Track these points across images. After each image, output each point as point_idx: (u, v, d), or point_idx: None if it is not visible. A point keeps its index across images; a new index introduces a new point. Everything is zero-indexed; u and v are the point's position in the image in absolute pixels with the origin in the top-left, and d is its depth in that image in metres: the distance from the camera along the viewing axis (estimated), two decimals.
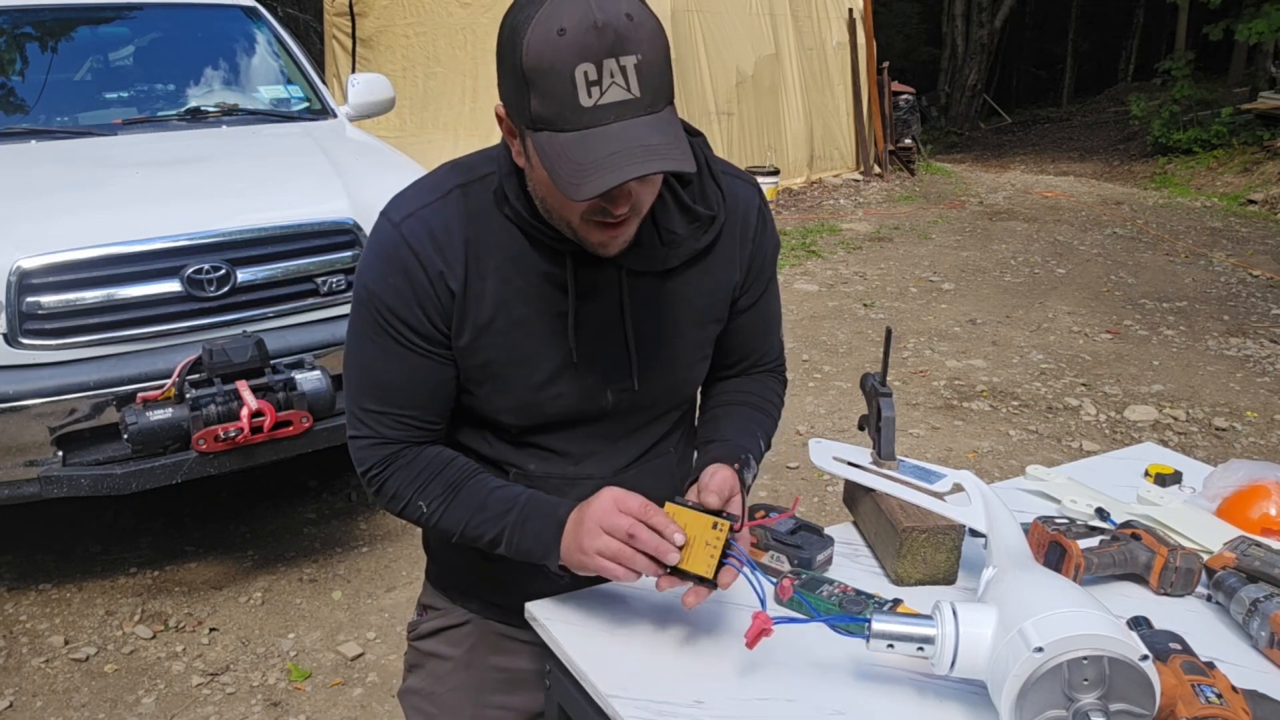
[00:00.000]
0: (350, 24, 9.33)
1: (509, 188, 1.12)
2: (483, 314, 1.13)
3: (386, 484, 1.20)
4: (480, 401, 1.19)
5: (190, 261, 2.81)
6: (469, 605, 1.36)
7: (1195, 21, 15.41)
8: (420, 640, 1.41)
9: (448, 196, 1.13)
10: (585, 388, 1.19)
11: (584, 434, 1.23)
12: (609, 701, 1.05)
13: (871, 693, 1.06)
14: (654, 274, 1.17)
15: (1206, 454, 4.05)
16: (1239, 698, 0.97)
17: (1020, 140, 17.44)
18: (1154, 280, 6.87)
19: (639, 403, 1.23)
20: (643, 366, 1.20)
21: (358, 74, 4.31)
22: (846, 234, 8.26)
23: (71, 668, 2.66)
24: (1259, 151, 11.15)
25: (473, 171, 1.15)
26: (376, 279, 1.13)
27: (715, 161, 1.21)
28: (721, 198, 1.20)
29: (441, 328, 1.14)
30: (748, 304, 1.29)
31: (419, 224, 1.12)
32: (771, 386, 1.38)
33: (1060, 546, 1.27)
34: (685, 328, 1.22)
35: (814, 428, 4.31)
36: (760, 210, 1.26)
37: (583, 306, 1.15)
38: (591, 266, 1.14)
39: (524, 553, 1.14)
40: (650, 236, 1.16)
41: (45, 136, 3.42)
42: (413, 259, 1.11)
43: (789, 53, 9.93)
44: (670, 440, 1.32)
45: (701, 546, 1.06)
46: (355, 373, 1.19)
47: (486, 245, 1.12)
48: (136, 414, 2.60)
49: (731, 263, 1.23)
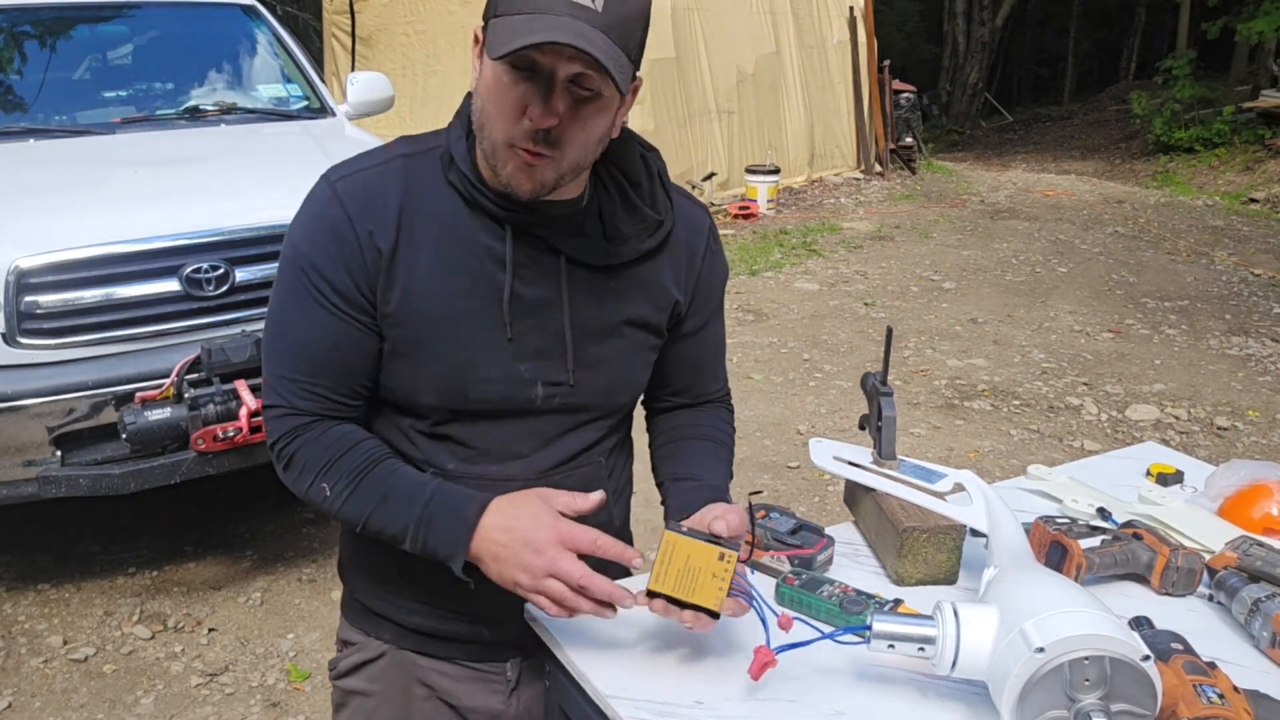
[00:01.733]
0: (350, 22, 9.34)
1: (457, 152, 1.11)
2: (414, 280, 1.10)
3: (294, 459, 1.14)
4: (403, 379, 1.14)
5: (189, 261, 2.81)
6: (383, 635, 1.29)
7: (1196, 20, 15.40)
8: (341, 679, 1.34)
9: (390, 163, 1.12)
10: (516, 375, 1.14)
11: (508, 431, 1.18)
12: (609, 701, 1.04)
13: (872, 693, 1.06)
14: (595, 269, 1.15)
15: (1208, 453, 4.04)
16: (1241, 698, 0.97)
17: (1021, 139, 17.44)
18: (1155, 279, 6.87)
19: (570, 402, 1.19)
20: (578, 361, 1.16)
21: (357, 72, 4.31)
22: (847, 233, 8.26)
23: (70, 668, 2.65)
24: (1261, 150, 11.16)
25: (422, 144, 1.15)
26: (304, 236, 1.10)
27: (669, 180, 1.21)
28: (670, 207, 1.19)
29: (366, 292, 1.10)
30: (694, 328, 1.27)
31: (355, 184, 1.10)
32: (724, 418, 1.37)
33: (1061, 546, 1.26)
34: (622, 329, 1.19)
35: (814, 427, 4.31)
36: (711, 233, 1.25)
37: (521, 287, 1.12)
38: (532, 246, 1.12)
39: (429, 551, 1.09)
40: (594, 228, 1.14)
41: (44, 135, 3.42)
42: (343, 217, 1.08)
43: (789, 51, 9.93)
44: (600, 450, 1.26)
45: (708, 578, 1.03)
46: (273, 337, 1.15)
47: (424, 214, 1.10)
48: (135, 414, 2.60)
49: (677, 278, 1.21)
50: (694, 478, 1.25)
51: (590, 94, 1.01)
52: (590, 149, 1.06)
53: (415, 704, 1.30)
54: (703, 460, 1.28)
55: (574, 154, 1.04)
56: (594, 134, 1.05)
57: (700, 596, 1.03)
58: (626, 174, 1.16)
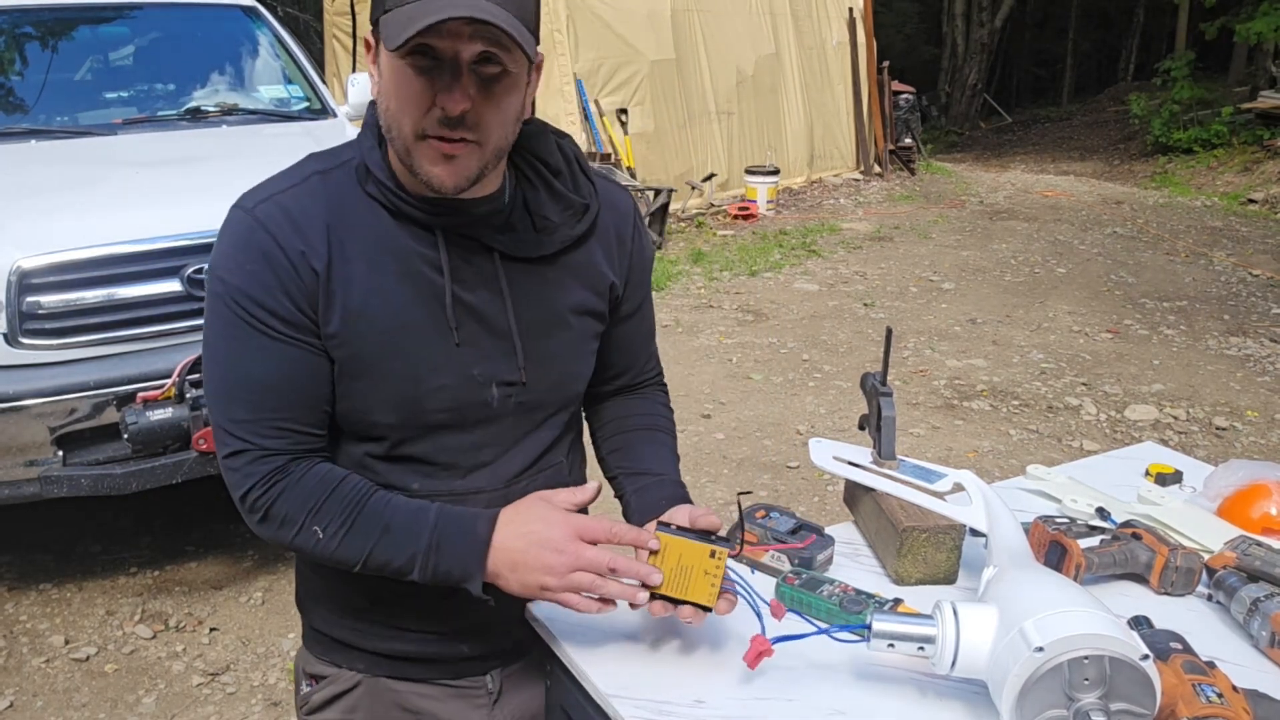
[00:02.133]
0: (351, 23, 9.34)
1: (371, 161, 1.08)
2: (352, 298, 1.06)
3: (273, 508, 1.07)
4: (355, 400, 1.10)
5: (190, 261, 2.81)
6: (355, 665, 1.24)
7: (1195, 21, 15.40)
8: (315, 713, 1.27)
9: (306, 182, 1.08)
10: (469, 380, 1.12)
11: (469, 441, 1.15)
12: (609, 701, 1.05)
13: (872, 693, 1.06)
14: (530, 262, 1.14)
15: (1207, 453, 4.05)
16: (1240, 697, 0.97)
17: (1020, 140, 17.44)
18: (1154, 279, 6.87)
19: (526, 402, 1.17)
20: (528, 356, 1.14)
21: (358, 73, 4.31)
22: (847, 233, 8.26)
23: (72, 667, 2.66)
24: (1259, 151, 11.16)
25: (334, 158, 1.11)
26: (232, 269, 1.04)
27: (588, 164, 1.21)
28: (594, 190, 1.19)
29: (308, 312, 1.05)
30: (631, 309, 1.27)
31: (274, 207, 1.05)
32: (661, 401, 1.38)
33: (1061, 546, 1.27)
34: (567, 318, 1.18)
35: (814, 427, 4.31)
36: (635, 214, 1.26)
37: (461, 289, 1.10)
38: (465, 249, 1.10)
39: (440, 577, 1.06)
40: (524, 222, 1.13)
41: (45, 136, 3.42)
42: (270, 241, 1.03)
43: (789, 52, 9.93)
44: (559, 449, 1.25)
45: (700, 575, 1.04)
46: (219, 380, 1.07)
47: (351, 230, 1.07)
48: (137, 414, 2.60)
49: (610, 260, 1.21)
50: (650, 473, 1.25)
51: (498, 71, 0.98)
52: (509, 130, 1.03)
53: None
54: (654, 452, 1.29)
55: (495, 137, 1.01)
56: (510, 113, 1.02)
57: (694, 594, 1.04)
58: (546, 162, 1.15)
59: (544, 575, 1.02)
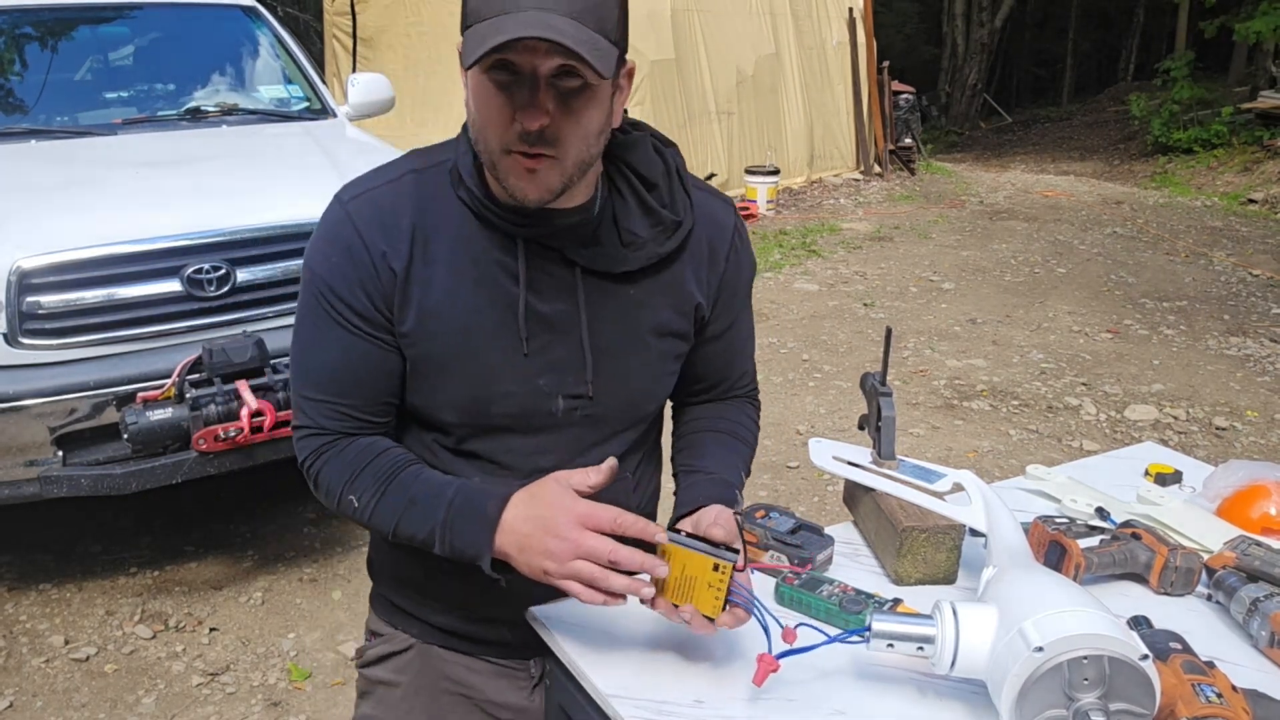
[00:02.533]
0: (351, 23, 9.33)
1: (463, 166, 1.10)
2: (429, 299, 1.09)
3: (320, 475, 1.15)
4: (424, 396, 1.14)
5: (190, 261, 2.81)
6: (410, 629, 1.30)
7: (1195, 21, 15.41)
8: (367, 668, 1.35)
9: (400, 180, 1.12)
10: (535, 389, 1.13)
11: (532, 445, 1.17)
12: (609, 701, 1.05)
13: (871, 692, 1.06)
14: (612, 277, 1.12)
15: (1207, 453, 4.05)
16: (1239, 697, 0.97)
17: (1020, 140, 17.44)
18: (1154, 279, 6.87)
19: (592, 415, 1.17)
20: (599, 373, 1.14)
21: (358, 74, 4.31)
22: (847, 233, 8.26)
23: (71, 668, 2.66)
24: (1259, 151, 11.16)
25: (430, 157, 1.14)
26: (320, 259, 1.10)
27: (689, 176, 1.18)
28: (690, 206, 1.16)
29: (383, 309, 1.10)
30: (720, 329, 1.25)
31: (367, 204, 1.10)
32: (747, 413, 1.35)
33: (1060, 546, 1.27)
34: (645, 337, 1.16)
35: (814, 427, 4.31)
36: (736, 230, 1.22)
37: (536, 300, 1.11)
38: (546, 259, 1.10)
39: (457, 553, 1.08)
40: (610, 236, 1.11)
41: (45, 136, 3.42)
42: (356, 238, 1.08)
43: (789, 52, 9.93)
44: (627, 464, 1.23)
45: (704, 588, 1.01)
46: (297, 358, 1.16)
47: (437, 230, 1.10)
48: (136, 414, 2.60)
49: (699, 278, 1.18)
50: (705, 470, 1.23)
51: (577, 85, 0.98)
52: (591, 143, 1.03)
53: (440, 697, 1.31)
54: (717, 453, 1.26)
55: (575, 151, 1.01)
56: (591, 127, 1.01)
57: (699, 603, 1.02)
58: (641, 175, 1.13)
59: (545, 560, 1.02)
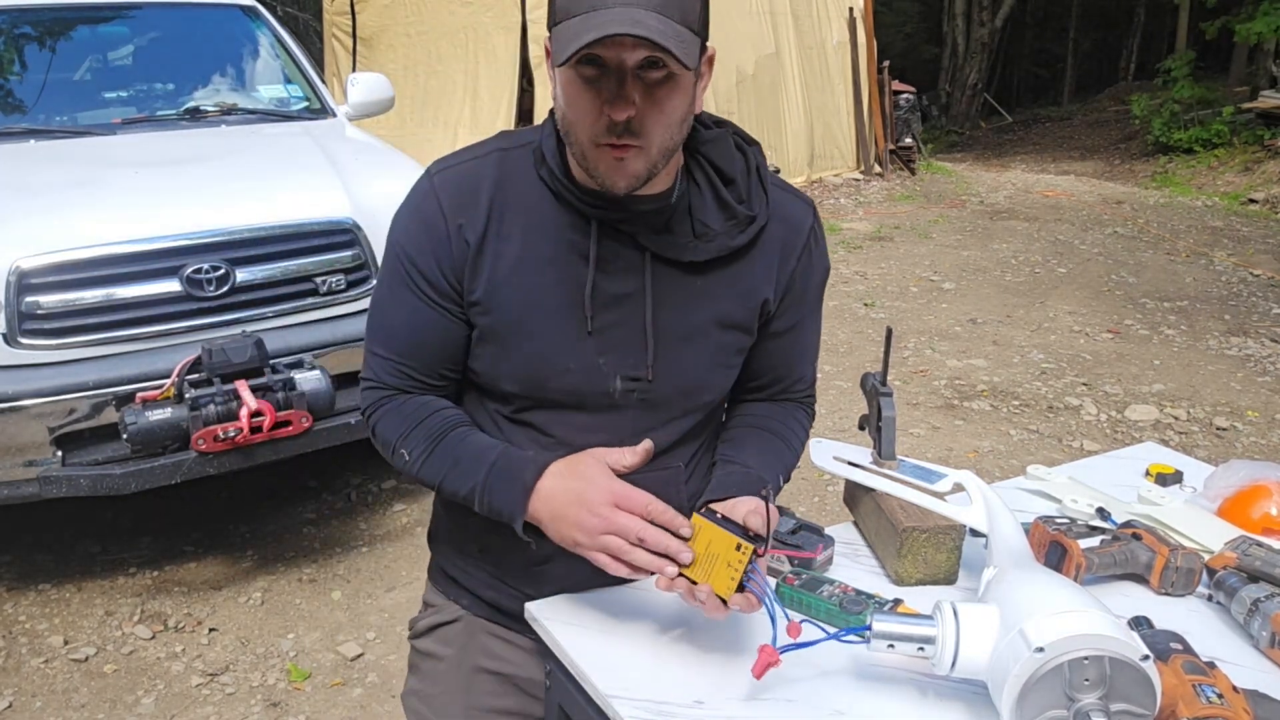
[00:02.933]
0: (350, 23, 9.33)
1: (547, 147, 1.15)
2: (500, 271, 1.15)
3: (378, 427, 1.23)
4: (487, 364, 1.20)
5: (189, 261, 2.81)
6: (460, 600, 1.36)
7: (1196, 20, 15.41)
8: (418, 639, 1.41)
9: (486, 157, 1.18)
10: (595, 367, 1.17)
11: (586, 424, 1.20)
12: (609, 701, 1.04)
13: (871, 693, 1.06)
14: (681, 266, 1.16)
15: (1207, 453, 4.04)
16: (1240, 698, 0.97)
17: (1021, 139, 17.43)
18: (1155, 279, 6.87)
19: (649, 399, 1.20)
20: (658, 357, 1.17)
21: (357, 73, 4.31)
22: (847, 233, 8.26)
23: (71, 668, 2.66)
24: (1260, 150, 11.15)
25: (519, 139, 1.20)
26: (403, 228, 1.18)
27: (768, 173, 1.21)
28: (766, 203, 1.18)
29: (453, 281, 1.16)
30: (784, 327, 1.26)
31: (451, 177, 1.16)
32: (798, 418, 1.35)
33: (1061, 546, 1.27)
34: (708, 328, 1.19)
35: (814, 427, 4.30)
36: (813, 231, 1.24)
37: (604, 280, 1.15)
38: (617, 242, 1.15)
39: (494, 512, 1.14)
40: (682, 225, 1.15)
41: (44, 136, 3.42)
42: (436, 209, 1.15)
43: (789, 52, 9.92)
44: (679, 453, 1.27)
45: (723, 566, 1.03)
46: (373, 316, 1.24)
47: (514, 206, 1.15)
48: (136, 414, 2.60)
49: (768, 274, 1.21)
50: (744, 465, 1.23)
51: (662, 75, 1.02)
52: (675, 130, 1.07)
53: (478, 675, 1.35)
54: (757, 449, 1.27)
55: (659, 138, 1.05)
56: (675, 115, 1.06)
57: (714, 582, 1.03)
58: (720, 169, 1.16)
59: (577, 532, 1.07)
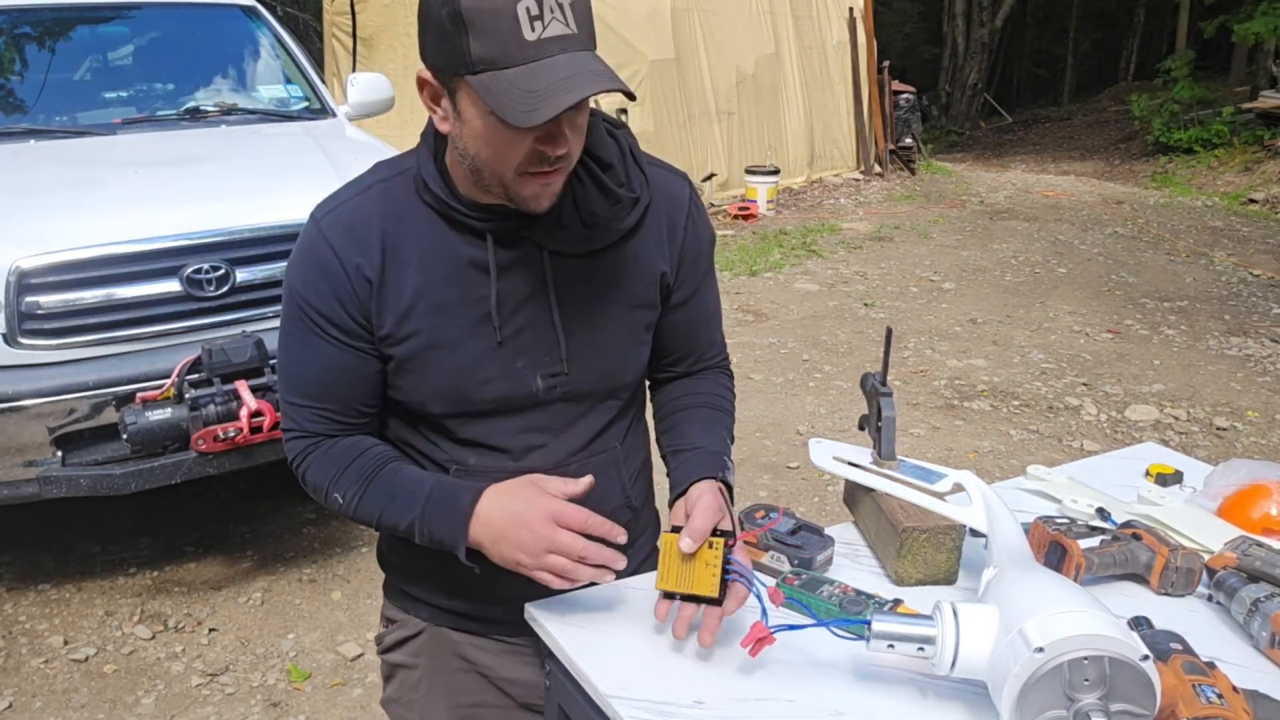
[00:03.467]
0: (350, 23, 9.33)
1: (426, 173, 1.15)
2: (403, 301, 1.15)
3: (307, 474, 1.24)
4: (410, 392, 1.20)
5: (189, 261, 2.81)
6: (420, 614, 1.37)
7: (1196, 20, 15.41)
8: (386, 653, 1.42)
9: (368, 191, 1.18)
10: (514, 371, 1.19)
11: (519, 426, 1.22)
12: (609, 701, 1.04)
13: (871, 693, 1.06)
14: (578, 257, 1.18)
15: (1207, 454, 4.04)
16: (1240, 698, 0.97)
17: (1021, 139, 17.44)
18: (1155, 279, 6.87)
19: (572, 390, 1.22)
20: (572, 349, 1.20)
21: (357, 73, 4.30)
22: (847, 233, 8.26)
23: (71, 668, 2.66)
24: (1260, 150, 11.16)
25: (395, 166, 1.19)
26: (297, 276, 1.17)
27: (640, 152, 1.24)
28: (645, 183, 1.21)
29: (359, 319, 1.16)
30: (684, 297, 1.29)
31: (337, 220, 1.16)
32: (722, 383, 1.39)
33: (1061, 546, 1.27)
34: (614, 310, 1.22)
35: (814, 427, 4.31)
36: (691, 200, 1.28)
37: (507, 288, 1.16)
38: (513, 248, 1.16)
39: (435, 543, 1.15)
40: (572, 218, 1.16)
41: (44, 136, 3.41)
42: (330, 254, 1.14)
43: (789, 52, 9.93)
44: (613, 434, 1.30)
45: (702, 567, 1.07)
46: (281, 367, 1.24)
47: (406, 235, 1.15)
48: (136, 414, 2.60)
49: (660, 250, 1.23)
50: (691, 446, 1.27)
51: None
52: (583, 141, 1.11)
53: (455, 675, 1.36)
54: (701, 428, 1.30)
55: (577, 153, 1.09)
56: (584, 130, 1.09)
57: (698, 586, 1.07)
58: (597, 158, 1.18)
59: (519, 553, 1.09)
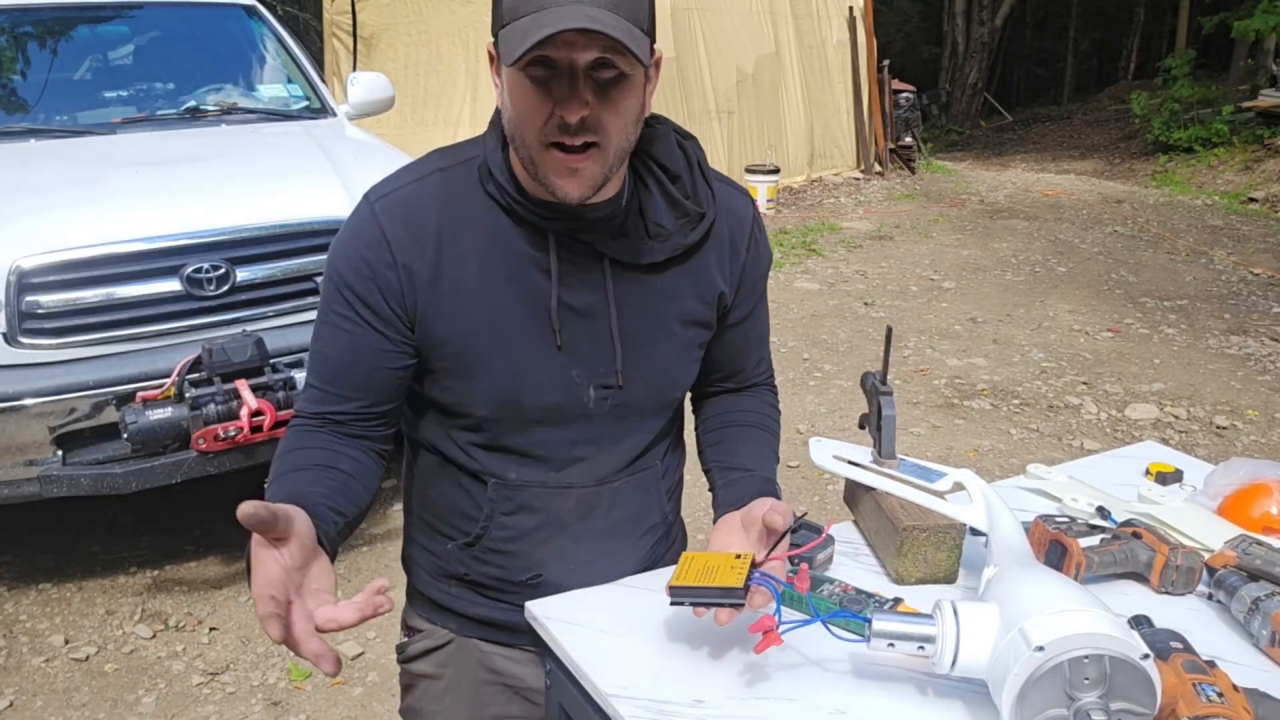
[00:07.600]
0: (351, 22, 9.32)
1: (493, 163, 1.11)
2: (460, 296, 1.11)
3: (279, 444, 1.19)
4: (458, 393, 1.16)
5: (190, 260, 2.81)
6: (448, 624, 1.34)
7: (1196, 19, 15.40)
8: (409, 663, 1.39)
9: (428, 179, 1.13)
10: (567, 380, 1.16)
11: (565, 437, 1.20)
12: (609, 701, 1.04)
13: (871, 692, 1.06)
14: (639, 268, 1.15)
15: (1207, 452, 4.04)
16: (1240, 696, 0.97)
17: (1021, 138, 17.43)
18: (1155, 278, 6.87)
19: (622, 404, 1.20)
20: (627, 362, 1.17)
21: (357, 73, 4.30)
22: (847, 232, 8.26)
23: (72, 667, 2.66)
24: (1260, 149, 11.15)
25: (458, 155, 1.16)
26: (341, 254, 1.13)
27: (709, 168, 1.21)
28: (712, 198, 1.19)
29: (396, 309, 1.11)
30: (740, 317, 1.28)
31: (394, 203, 1.12)
32: (769, 401, 1.38)
33: (1061, 545, 1.26)
34: (671, 326, 1.20)
35: (814, 426, 4.31)
36: (754, 221, 1.25)
37: (566, 293, 1.13)
38: (575, 252, 1.13)
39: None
40: (636, 228, 1.14)
41: (44, 135, 3.42)
42: (379, 236, 1.10)
43: (789, 51, 9.92)
44: (655, 452, 1.28)
45: (727, 569, 1.04)
46: (311, 346, 1.19)
47: (465, 227, 1.11)
48: (136, 413, 2.60)
49: (722, 269, 1.21)
50: (743, 468, 1.25)
51: (614, 75, 1.00)
52: (630, 130, 1.05)
53: (481, 688, 1.34)
54: (751, 449, 1.29)
55: (616, 139, 1.03)
56: (629, 115, 1.04)
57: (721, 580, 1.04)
58: (665, 167, 1.15)
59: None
